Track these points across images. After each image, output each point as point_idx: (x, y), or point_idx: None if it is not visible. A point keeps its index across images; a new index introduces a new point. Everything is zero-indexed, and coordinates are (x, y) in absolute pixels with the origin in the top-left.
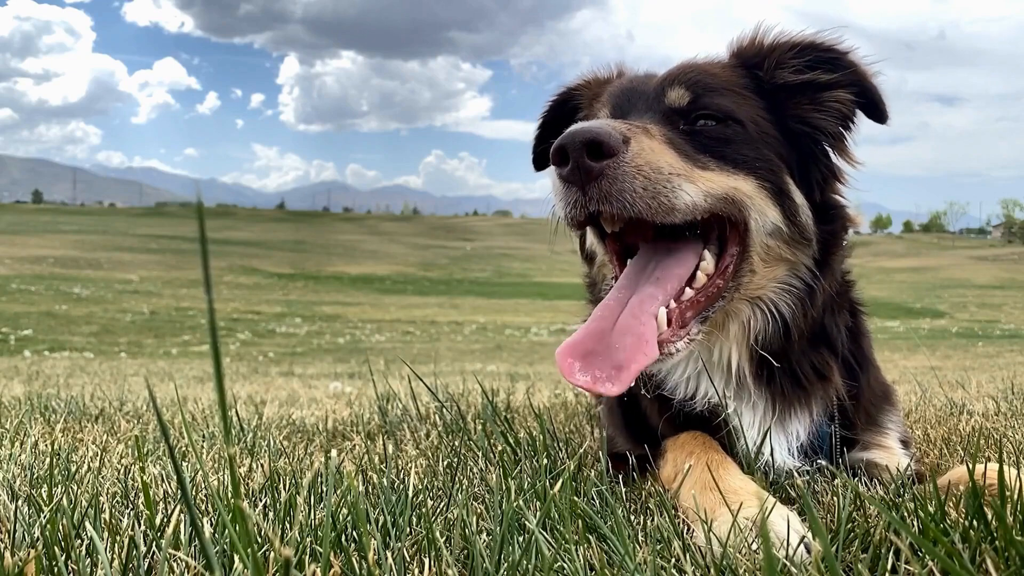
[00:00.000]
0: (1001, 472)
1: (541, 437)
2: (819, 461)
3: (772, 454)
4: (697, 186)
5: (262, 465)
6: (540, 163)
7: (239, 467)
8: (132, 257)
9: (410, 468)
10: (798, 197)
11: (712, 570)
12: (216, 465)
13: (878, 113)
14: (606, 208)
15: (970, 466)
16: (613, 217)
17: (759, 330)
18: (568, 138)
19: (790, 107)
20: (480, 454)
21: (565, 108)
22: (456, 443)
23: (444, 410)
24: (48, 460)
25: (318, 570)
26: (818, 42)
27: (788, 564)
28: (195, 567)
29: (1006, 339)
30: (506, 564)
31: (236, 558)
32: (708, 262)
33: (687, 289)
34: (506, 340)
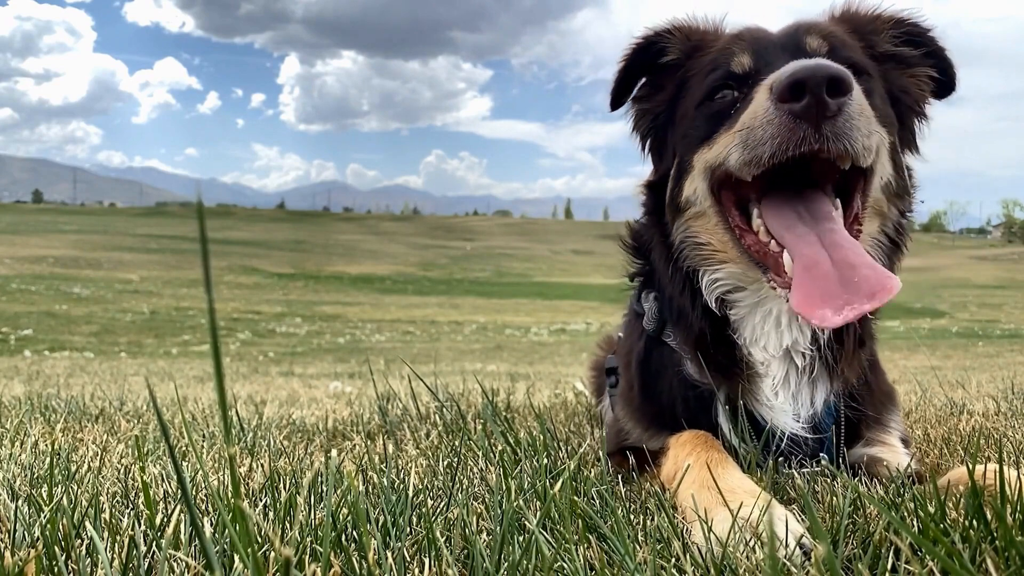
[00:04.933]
0: (1001, 472)
1: (541, 437)
2: (822, 456)
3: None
4: (880, 133)
5: (262, 465)
6: (618, 103)
7: (239, 467)
8: (132, 257)
9: (410, 468)
10: (904, 155)
11: (712, 570)
12: (216, 465)
13: (948, 91)
14: (835, 146)
15: (970, 466)
16: (830, 155)
17: None
18: (808, 72)
19: (892, 75)
20: (480, 454)
21: (649, 52)
22: (456, 443)
23: (444, 410)
24: (48, 460)
25: (318, 570)
26: (910, 19)
27: (787, 564)
28: (195, 567)
29: (1006, 339)
30: (506, 564)
31: (236, 558)
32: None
33: None
34: (506, 340)
